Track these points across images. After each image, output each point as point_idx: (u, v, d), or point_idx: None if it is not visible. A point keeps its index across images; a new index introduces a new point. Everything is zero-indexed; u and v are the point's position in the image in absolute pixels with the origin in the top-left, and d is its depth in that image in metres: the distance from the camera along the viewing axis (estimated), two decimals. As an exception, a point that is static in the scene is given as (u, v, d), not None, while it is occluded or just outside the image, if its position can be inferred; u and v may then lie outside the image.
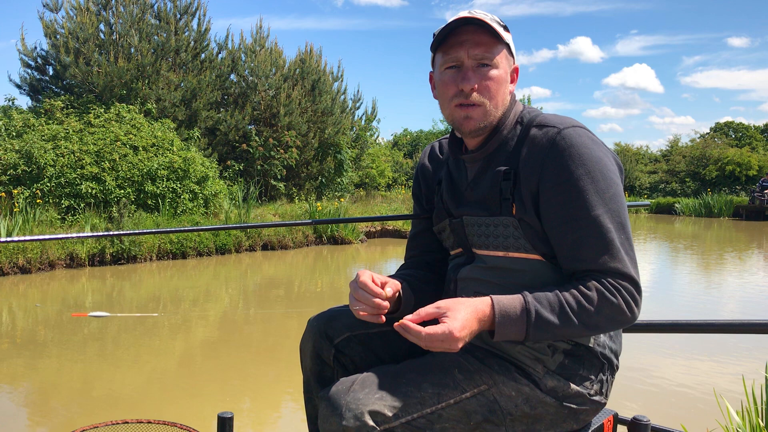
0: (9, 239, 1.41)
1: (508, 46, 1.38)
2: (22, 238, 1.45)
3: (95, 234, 1.52)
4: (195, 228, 1.66)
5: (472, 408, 1.27)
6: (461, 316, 1.17)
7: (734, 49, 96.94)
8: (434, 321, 1.19)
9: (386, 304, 1.30)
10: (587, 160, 1.27)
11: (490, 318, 1.22)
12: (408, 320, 1.17)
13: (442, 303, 1.19)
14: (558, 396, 1.32)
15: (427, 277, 1.54)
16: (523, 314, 1.21)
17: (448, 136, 1.58)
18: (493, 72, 1.35)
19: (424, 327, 1.16)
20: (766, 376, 2.61)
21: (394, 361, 1.41)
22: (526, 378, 1.32)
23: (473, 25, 1.33)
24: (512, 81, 1.42)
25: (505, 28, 1.39)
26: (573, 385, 1.33)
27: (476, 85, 1.34)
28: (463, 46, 1.33)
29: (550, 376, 1.32)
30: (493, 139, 1.40)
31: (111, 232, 1.50)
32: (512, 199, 1.34)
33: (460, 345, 1.16)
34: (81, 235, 1.49)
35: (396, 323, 1.18)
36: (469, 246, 1.45)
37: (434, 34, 1.39)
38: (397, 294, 1.38)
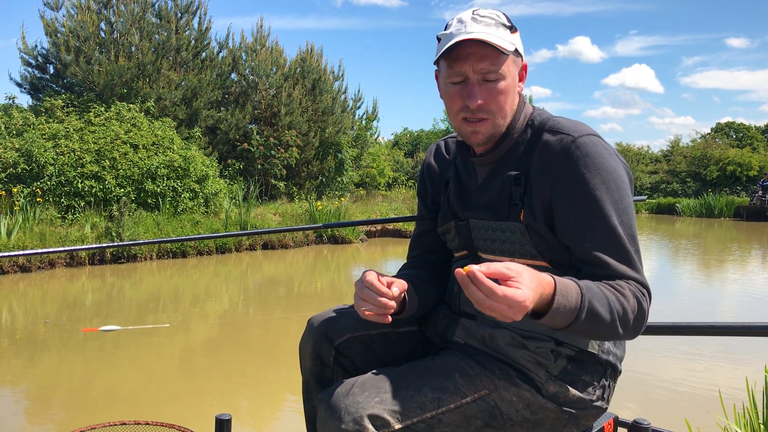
0: (19, 253, 1.40)
1: (515, 49, 1.32)
2: (30, 251, 1.44)
3: (98, 246, 1.51)
4: (202, 236, 1.65)
5: (472, 413, 1.26)
6: (533, 287, 1.06)
7: (733, 50, 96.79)
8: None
9: (393, 303, 1.27)
10: (602, 170, 1.26)
11: (548, 299, 1.11)
12: (478, 271, 1.03)
13: (513, 266, 1.06)
14: (559, 401, 1.31)
15: (430, 278, 1.53)
16: (577, 303, 1.13)
17: (453, 135, 1.56)
18: (501, 84, 1.30)
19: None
20: (766, 379, 2.61)
21: (395, 363, 1.40)
22: (528, 383, 1.31)
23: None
24: (521, 80, 1.38)
25: (512, 28, 1.33)
26: (575, 391, 1.32)
27: (482, 101, 1.30)
28: (468, 60, 1.28)
29: (552, 382, 1.31)
30: (504, 143, 1.38)
31: (114, 243, 1.49)
32: (521, 205, 1.32)
33: (519, 319, 1.05)
34: (85, 247, 1.48)
35: (458, 269, 1.04)
36: (474, 249, 1.44)
37: (438, 38, 1.35)
38: (403, 294, 1.34)
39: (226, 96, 18.02)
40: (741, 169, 30.41)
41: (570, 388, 1.31)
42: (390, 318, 1.29)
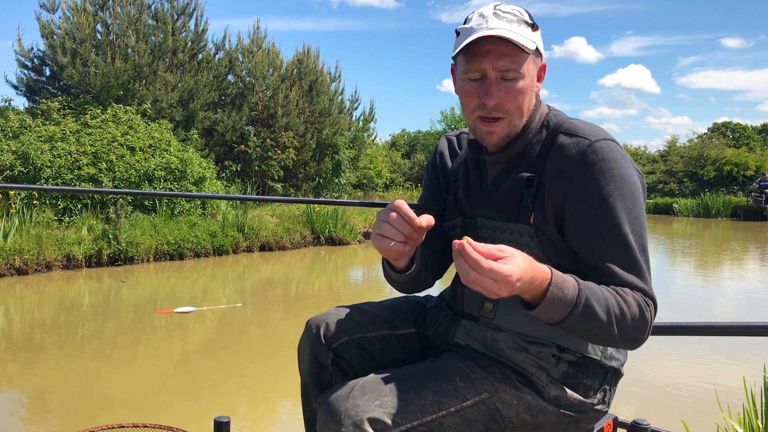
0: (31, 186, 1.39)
1: (536, 48, 1.28)
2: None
3: (107, 190, 1.50)
4: (192, 195, 1.64)
5: (472, 416, 1.26)
6: (525, 267, 1.06)
7: (729, 50, 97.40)
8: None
9: (420, 235, 1.27)
10: (617, 177, 1.23)
11: (542, 288, 1.11)
12: (467, 243, 1.04)
13: (506, 247, 1.07)
14: (560, 405, 1.30)
15: (429, 255, 1.50)
16: (573, 297, 1.12)
17: (465, 130, 1.53)
18: (519, 84, 1.27)
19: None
20: (765, 379, 2.61)
21: (393, 365, 1.39)
22: (529, 386, 1.30)
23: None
24: (539, 80, 1.35)
25: (534, 26, 1.29)
26: (576, 395, 1.31)
27: (499, 100, 1.27)
28: (487, 57, 1.24)
29: (553, 385, 1.30)
30: (518, 143, 1.35)
31: (116, 189, 1.48)
32: (532, 208, 1.29)
33: (505, 294, 1.05)
34: (99, 190, 1.47)
35: (456, 240, 1.06)
36: None
37: (457, 31, 1.31)
38: (429, 228, 1.29)
39: (223, 98, 18.01)
40: (738, 169, 30.48)
41: (571, 392, 1.30)
42: (405, 260, 1.32)
